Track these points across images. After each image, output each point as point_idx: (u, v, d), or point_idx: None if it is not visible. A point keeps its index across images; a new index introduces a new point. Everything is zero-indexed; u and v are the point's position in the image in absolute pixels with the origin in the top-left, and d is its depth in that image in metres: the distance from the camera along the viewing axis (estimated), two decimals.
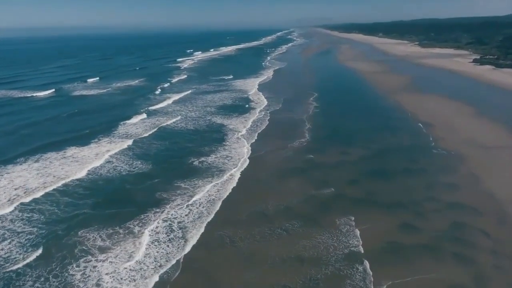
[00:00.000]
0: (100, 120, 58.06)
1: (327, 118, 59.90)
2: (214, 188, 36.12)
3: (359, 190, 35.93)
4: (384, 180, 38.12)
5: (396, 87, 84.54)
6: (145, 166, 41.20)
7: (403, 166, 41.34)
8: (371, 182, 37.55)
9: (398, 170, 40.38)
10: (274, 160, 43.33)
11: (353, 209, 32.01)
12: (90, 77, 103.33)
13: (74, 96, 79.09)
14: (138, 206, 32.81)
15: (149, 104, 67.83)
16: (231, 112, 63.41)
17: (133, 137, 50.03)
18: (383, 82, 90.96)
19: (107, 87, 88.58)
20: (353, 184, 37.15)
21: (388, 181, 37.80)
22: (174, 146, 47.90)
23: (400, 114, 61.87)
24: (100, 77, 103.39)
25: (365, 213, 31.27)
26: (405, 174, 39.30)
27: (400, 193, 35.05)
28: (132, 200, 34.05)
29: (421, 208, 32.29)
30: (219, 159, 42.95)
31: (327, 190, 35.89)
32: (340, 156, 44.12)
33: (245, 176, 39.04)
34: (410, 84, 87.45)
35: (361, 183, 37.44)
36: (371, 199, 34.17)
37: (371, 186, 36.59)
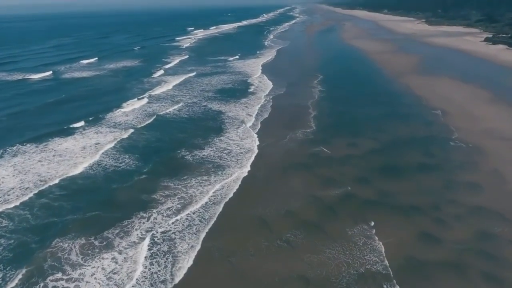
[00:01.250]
0: (91, 108, 53.67)
1: (333, 104, 55.66)
2: (208, 188, 32.43)
3: (370, 190, 32.20)
4: (397, 177, 34.37)
5: (405, 68, 79.77)
6: (136, 162, 37.49)
7: (417, 160, 37.48)
8: (383, 180, 33.80)
9: (412, 165, 36.53)
10: (275, 154, 39.48)
11: (366, 215, 28.35)
12: (85, 58, 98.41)
13: (66, 79, 74.36)
14: (122, 210, 29.24)
15: (146, 89, 63.16)
16: (233, 98, 58.77)
17: (126, 128, 45.99)
18: (391, 63, 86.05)
19: (103, 69, 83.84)
20: (363, 183, 33.39)
21: (402, 179, 34.03)
22: (169, 137, 43.97)
23: (410, 99, 57.55)
24: (95, 58, 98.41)
25: (380, 220, 27.61)
26: (420, 171, 35.47)
27: (416, 195, 31.33)
28: (117, 203, 30.45)
29: (440, 213, 28.61)
30: (216, 153, 39.13)
31: (335, 190, 32.17)
32: (348, 149, 40.23)
33: (243, 173, 35.24)
34: (419, 65, 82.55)
35: (372, 181, 33.68)
36: (384, 201, 30.47)
37: (383, 185, 32.87)
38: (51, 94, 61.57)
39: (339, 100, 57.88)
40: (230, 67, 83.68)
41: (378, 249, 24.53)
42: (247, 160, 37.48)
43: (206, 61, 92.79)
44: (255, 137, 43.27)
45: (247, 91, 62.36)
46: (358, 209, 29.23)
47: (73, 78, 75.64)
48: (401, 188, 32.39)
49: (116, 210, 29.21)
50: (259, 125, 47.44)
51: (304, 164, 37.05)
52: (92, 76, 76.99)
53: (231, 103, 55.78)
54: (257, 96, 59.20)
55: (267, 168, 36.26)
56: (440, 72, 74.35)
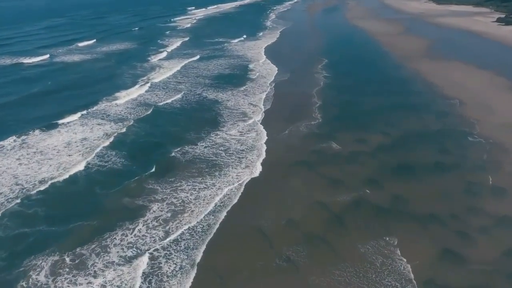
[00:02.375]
0: (81, 98, 49.32)
1: (339, 92, 51.77)
2: (200, 192, 29.18)
3: (382, 194, 28.91)
4: (411, 179, 31.03)
5: (414, 52, 75.28)
6: (125, 161, 34.20)
7: (433, 159, 34.05)
8: (396, 183, 30.50)
9: (427, 165, 33.14)
10: (276, 151, 36.04)
11: (379, 227, 25.18)
12: (80, 40, 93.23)
13: (58, 65, 69.54)
14: (105, 220, 26.13)
15: (141, 76, 58.42)
16: (235, 86, 54.27)
17: (118, 121, 42.38)
18: (398, 45, 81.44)
19: (97, 53, 79.05)
20: (374, 186, 30.07)
21: (417, 182, 30.69)
22: (165, 133, 40.40)
23: (421, 86, 53.60)
24: (91, 40, 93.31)
25: (395, 234, 24.41)
26: (436, 172, 32.09)
27: (434, 201, 28.05)
28: (100, 211, 27.30)
29: (463, 224, 25.37)
30: (213, 150, 35.74)
31: (343, 195, 28.88)
32: (355, 145, 36.75)
33: (241, 174, 31.91)
34: (429, 49, 78.00)
35: (384, 184, 30.35)
36: (399, 209, 27.23)
37: (396, 189, 29.58)
38: (39, 83, 57.52)
39: (345, 87, 53.95)
40: (232, 50, 78.90)
41: (397, 271, 21.37)
42: (247, 159, 34.06)
43: (206, 44, 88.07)
44: (258, 131, 39.69)
45: (251, 78, 57.68)
46: (370, 219, 26.00)
47: (65, 63, 71.41)
48: (417, 193, 29.09)
49: (98, 220, 26.10)
50: (262, 116, 43.63)
51: (308, 163, 33.68)
52: (85, 60, 72.66)
53: (233, 92, 51.54)
54: (261, 84, 54.92)
55: (268, 168, 32.88)
56: (452, 56, 69.99)
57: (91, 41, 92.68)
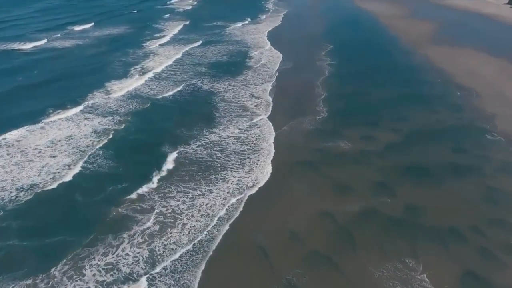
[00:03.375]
0: (68, 91, 45.46)
1: (344, 82, 48.35)
2: (194, 200, 26.48)
3: (394, 203, 26.20)
4: (425, 184, 28.25)
5: (422, 36, 71.28)
6: (113, 163, 31.37)
7: (448, 160, 31.23)
8: (409, 188, 27.74)
9: (442, 167, 30.34)
10: (277, 150, 33.09)
11: (393, 243, 22.54)
12: (76, 24, 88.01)
13: (48, 52, 65.24)
14: (85, 234, 23.50)
15: (137, 65, 54.04)
16: (236, 75, 50.64)
17: (108, 116, 39.24)
18: (406, 29, 77.27)
19: (92, 38, 73.58)
20: (385, 192, 27.34)
21: (432, 187, 27.92)
22: (157, 129, 37.51)
23: (432, 75, 50.19)
24: (88, 24, 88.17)
25: (412, 252, 21.78)
26: (453, 175, 29.30)
27: (451, 211, 25.37)
28: (81, 223, 24.68)
29: (486, 240, 22.73)
30: (208, 151, 32.88)
31: (350, 203, 26.18)
32: (363, 143, 33.85)
33: (241, 178, 29.13)
34: (438, 33, 73.87)
35: (396, 189, 27.60)
36: (414, 221, 24.54)
37: (409, 196, 26.85)
38: (24, 73, 53.12)
39: (350, 76, 50.55)
40: (233, 35, 73.98)
41: None
42: (246, 160, 31.24)
43: (206, 28, 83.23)
44: (263, 127, 36.79)
45: (254, 67, 53.33)
46: (382, 235, 23.35)
47: (56, 50, 66.32)
48: (432, 201, 26.37)
49: (79, 234, 23.47)
50: (268, 111, 40.41)
51: (312, 164, 30.86)
52: (78, 46, 67.77)
53: (235, 83, 47.74)
54: (265, 73, 51.11)
55: (266, 171, 30.08)
56: (463, 41, 66.08)
57: (88, 25, 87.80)
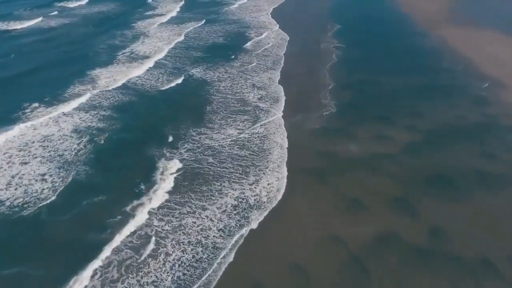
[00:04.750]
0: (47, 82, 40.15)
1: (354, 70, 43.66)
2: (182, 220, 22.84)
3: (415, 225, 22.60)
4: (450, 199, 24.54)
5: (437, 15, 65.60)
6: (90, 171, 27.64)
7: (475, 167, 27.43)
8: (431, 205, 24.03)
9: (469, 176, 26.59)
10: (279, 153, 29.17)
11: (416, 281, 18.88)
12: (67, 1, 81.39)
13: (34, 33, 58.75)
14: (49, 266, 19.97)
15: (126, 49, 48.60)
16: (237, 61, 45.61)
17: (90, 110, 35.17)
18: (419, 6, 71.27)
19: (78, 17, 66.96)
20: (403, 209, 23.68)
21: (458, 203, 24.25)
22: (146, 128, 33.43)
23: (450, 62, 45.51)
24: (78, 1, 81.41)
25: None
26: (481, 187, 25.60)
27: (484, 236, 21.73)
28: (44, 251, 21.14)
29: None
30: (193, 161, 28.99)
31: (364, 225, 22.55)
32: (376, 145, 29.93)
33: (234, 194, 25.35)
34: (455, 11, 68.07)
35: (416, 206, 23.92)
36: (442, 250, 20.99)
37: (433, 216, 23.20)
38: (1, 60, 48.04)
39: (359, 62, 45.85)
40: (235, 13, 66.06)
41: None
42: (240, 166, 27.40)
43: (204, 5, 76.21)
44: (266, 126, 32.74)
45: (258, 53, 48.00)
46: (401, 266, 19.82)
47: (42, 30, 60.59)
48: (459, 222, 22.74)
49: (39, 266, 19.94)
50: (281, 106, 36.11)
51: (319, 173, 27.00)
52: (65, 26, 61.65)
53: (235, 70, 42.92)
54: (267, 59, 46.35)
55: (266, 180, 26.28)
56: (483, 22, 60.48)
57: (83, 2, 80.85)
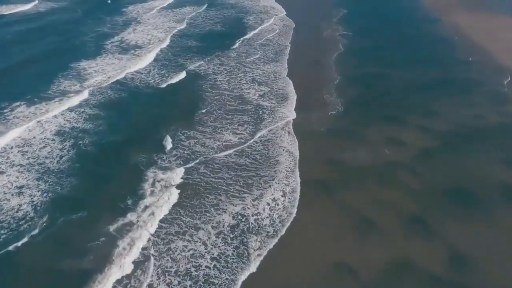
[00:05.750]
0: (28, 78, 36.52)
1: (362, 62, 40.44)
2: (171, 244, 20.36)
3: (432, 248, 20.13)
4: (472, 217, 22.11)
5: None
6: (76, 181, 24.95)
7: (499, 178, 24.93)
8: (451, 225, 21.57)
9: (492, 189, 24.07)
10: (287, 162, 26.45)
11: None
12: None
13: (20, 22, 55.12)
14: None
15: (110, 36, 45.05)
16: (234, 51, 42.45)
17: (77, 109, 32.18)
18: None
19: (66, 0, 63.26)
20: (419, 230, 21.23)
21: (482, 223, 21.77)
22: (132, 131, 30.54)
23: (465, 52, 42.29)
24: None
25: None
26: (507, 202, 22.80)
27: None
28: None
29: None
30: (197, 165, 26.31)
31: (374, 250, 20.05)
32: (388, 150, 27.07)
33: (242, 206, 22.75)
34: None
35: (434, 226, 21.48)
36: (461, 280, 18.49)
37: (453, 237, 20.80)
38: None
39: (367, 53, 42.57)
40: None
41: None
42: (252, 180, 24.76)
43: None
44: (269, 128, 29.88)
45: (263, 43, 44.47)
46: None
47: (25, 17, 56.96)
48: (484, 246, 20.25)
49: None
50: (273, 103, 33.15)
51: (326, 186, 24.42)
52: (54, 11, 57.30)
53: (233, 62, 39.68)
54: (269, 49, 42.93)
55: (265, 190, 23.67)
56: (498, 6, 56.63)
57: None
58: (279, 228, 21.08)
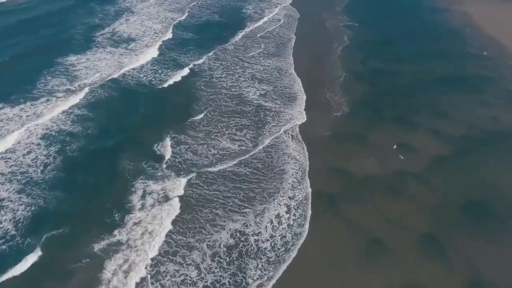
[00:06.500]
0: (16, 74, 34.24)
1: (367, 56, 38.08)
2: None
3: (450, 273, 18.44)
4: (493, 237, 20.20)
5: None
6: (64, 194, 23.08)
7: None
8: (469, 245, 19.84)
9: None
10: (294, 172, 24.50)
11: None
12: None
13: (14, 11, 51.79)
14: None
15: (100, 28, 42.35)
16: (233, 44, 40.14)
17: (62, 117, 29.91)
18: None
19: None
20: (435, 252, 19.50)
21: (504, 243, 19.69)
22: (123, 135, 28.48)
23: (476, 45, 39.86)
24: None
25: None
26: None
27: None
28: None
29: None
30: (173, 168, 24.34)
31: (385, 277, 18.21)
32: (396, 158, 25.41)
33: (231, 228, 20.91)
34: None
35: (450, 246, 19.70)
36: None
37: (472, 259, 19.00)
38: None
39: (373, 46, 40.17)
40: None
41: None
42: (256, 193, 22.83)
43: None
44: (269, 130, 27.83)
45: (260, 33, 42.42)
46: None
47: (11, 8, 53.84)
48: (508, 270, 18.23)
49: None
50: (276, 103, 31.02)
51: (331, 200, 22.48)
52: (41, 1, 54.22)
53: (231, 56, 37.41)
54: (271, 41, 40.42)
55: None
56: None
57: None
58: (281, 253, 19.17)
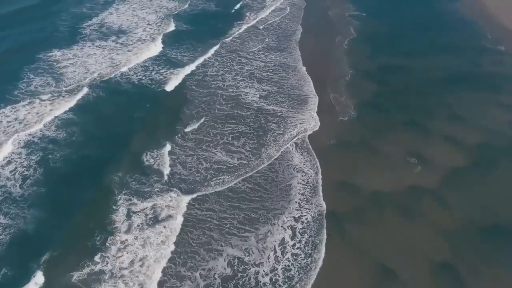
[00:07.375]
0: None
1: (375, 51, 35.24)
2: None
3: None
4: None
5: None
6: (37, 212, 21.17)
7: None
8: (493, 277, 17.76)
9: None
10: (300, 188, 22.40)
11: None
12: None
13: None
14: None
15: (88, 18, 39.22)
16: (230, 37, 37.50)
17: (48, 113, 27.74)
18: None
19: None
20: (452, 285, 17.25)
21: None
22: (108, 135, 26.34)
23: (491, 39, 37.10)
24: None
25: None
26: None
27: None
28: None
29: None
30: None
31: None
32: (408, 172, 23.19)
33: None
34: None
35: (470, 278, 17.60)
36: None
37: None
38: None
39: (381, 39, 37.41)
40: None
41: None
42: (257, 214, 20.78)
43: None
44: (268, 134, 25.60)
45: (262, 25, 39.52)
46: None
47: None
48: None
49: None
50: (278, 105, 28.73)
51: (337, 221, 20.45)
52: None
53: (227, 52, 34.69)
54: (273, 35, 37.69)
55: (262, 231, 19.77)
56: None
57: None
58: None
